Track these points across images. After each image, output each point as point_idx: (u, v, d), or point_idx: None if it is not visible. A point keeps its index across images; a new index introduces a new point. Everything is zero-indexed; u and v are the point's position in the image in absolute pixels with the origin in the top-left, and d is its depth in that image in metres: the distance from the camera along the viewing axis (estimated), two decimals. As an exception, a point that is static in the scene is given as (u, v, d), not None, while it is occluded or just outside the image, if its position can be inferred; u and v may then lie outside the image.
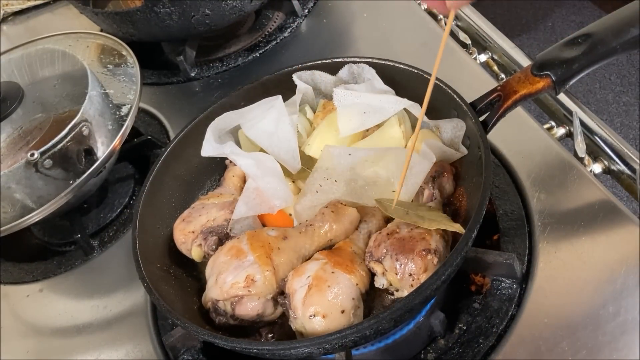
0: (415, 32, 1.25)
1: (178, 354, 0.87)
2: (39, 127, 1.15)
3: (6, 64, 1.17)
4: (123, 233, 1.10)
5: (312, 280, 0.74)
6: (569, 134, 1.04)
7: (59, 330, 1.00)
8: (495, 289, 0.83)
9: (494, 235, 0.90)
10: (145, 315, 0.96)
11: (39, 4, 1.72)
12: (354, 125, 0.88)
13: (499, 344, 0.78)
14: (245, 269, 0.77)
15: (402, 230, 0.78)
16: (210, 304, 0.79)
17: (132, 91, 1.10)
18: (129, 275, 1.01)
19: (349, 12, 1.36)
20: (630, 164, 0.94)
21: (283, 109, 0.90)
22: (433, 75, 0.73)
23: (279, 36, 1.36)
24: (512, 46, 1.17)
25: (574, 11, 2.97)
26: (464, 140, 0.84)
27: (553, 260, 0.83)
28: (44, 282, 1.08)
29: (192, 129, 0.95)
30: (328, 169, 0.83)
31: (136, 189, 1.17)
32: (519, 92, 0.79)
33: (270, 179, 0.84)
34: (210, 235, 0.85)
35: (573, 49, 0.77)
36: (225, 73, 1.33)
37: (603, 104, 2.52)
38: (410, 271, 0.73)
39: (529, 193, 0.91)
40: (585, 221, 0.86)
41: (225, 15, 1.23)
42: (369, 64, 0.92)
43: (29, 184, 0.96)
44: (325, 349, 0.70)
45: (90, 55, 1.21)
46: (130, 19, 1.20)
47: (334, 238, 0.82)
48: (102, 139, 1.03)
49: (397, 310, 0.67)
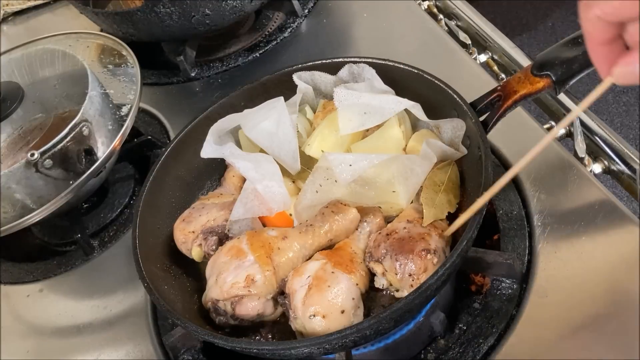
0: (415, 32, 1.25)
1: (178, 354, 0.87)
2: (39, 127, 1.15)
3: (6, 64, 1.17)
4: (123, 233, 1.10)
5: (312, 280, 0.74)
6: (569, 134, 1.04)
7: (59, 330, 1.00)
8: (495, 289, 0.83)
9: (494, 235, 0.90)
10: (145, 315, 0.96)
11: (39, 4, 1.72)
12: (354, 125, 0.88)
13: (499, 344, 0.78)
14: (246, 269, 0.77)
15: (402, 230, 0.78)
16: (210, 304, 0.79)
17: (132, 91, 1.10)
18: (129, 275, 1.01)
19: (349, 12, 1.36)
20: (630, 164, 0.94)
21: (284, 110, 0.90)
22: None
23: (279, 36, 1.36)
24: (512, 46, 1.17)
25: (574, 11, 2.96)
26: (464, 140, 0.84)
27: (553, 260, 0.83)
28: (44, 282, 1.08)
29: (192, 129, 0.95)
30: (328, 169, 0.83)
31: (136, 189, 1.17)
32: (519, 92, 0.79)
33: (269, 183, 0.84)
34: (210, 235, 0.85)
35: (573, 49, 0.77)
36: (225, 73, 1.33)
37: (603, 104, 2.52)
38: (410, 271, 0.73)
39: (529, 193, 0.91)
40: (585, 221, 0.86)
41: (226, 15, 1.22)
42: (369, 64, 0.92)
43: (29, 184, 0.96)
44: (325, 349, 0.70)
45: (90, 55, 1.21)
46: (130, 19, 1.20)
47: (334, 238, 0.82)
48: (102, 139, 1.03)
49: (397, 310, 0.67)
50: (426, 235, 0.76)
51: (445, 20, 1.32)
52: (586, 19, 0.52)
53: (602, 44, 0.54)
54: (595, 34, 0.53)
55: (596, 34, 0.53)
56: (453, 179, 0.84)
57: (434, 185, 0.82)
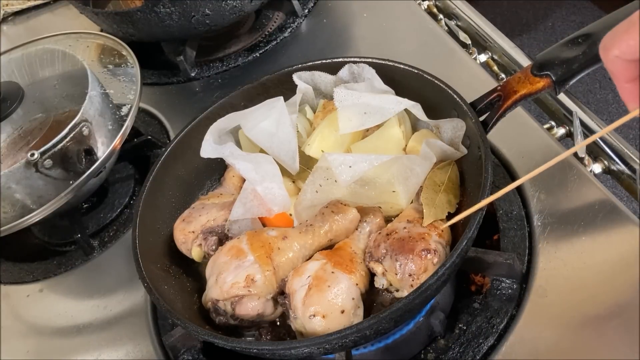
0: (415, 32, 1.25)
1: (178, 354, 0.87)
2: (39, 127, 1.15)
3: (6, 64, 1.17)
4: (123, 233, 1.10)
5: (312, 280, 0.74)
6: (569, 134, 1.04)
7: (59, 330, 1.00)
8: (495, 289, 0.83)
9: (494, 235, 0.90)
10: (145, 315, 0.96)
11: (39, 4, 1.72)
12: (354, 125, 0.88)
13: (499, 344, 0.79)
14: (246, 269, 0.77)
15: (402, 230, 0.78)
16: (211, 304, 0.79)
17: (132, 91, 1.10)
18: (129, 275, 1.01)
19: (349, 12, 1.36)
20: (630, 164, 0.94)
21: (284, 110, 0.90)
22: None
23: (279, 36, 1.36)
24: (512, 46, 1.17)
25: (574, 11, 2.97)
26: (464, 140, 0.84)
27: (553, 260, 0.83)
28: (44, 282, 1.08)
29: (192, 129, 0.95)
30: (328, 169, 0.83)
31: (136, 189, 1.17)
32: (519, 92, 0.79)
33: (269, 184, 0.84)
34: (210, 235, 0.85)
35: (573, 49, 0.77)
36: (225, 73, 1.33)
37: (603, 104, 2.52)
38: (410, 271, 0.73)
39: (529, 193, 0.91)
40: (585, 221, 0.86)
41: (225, 15, 1.23)
42: (369, 64, 0.92)
43: (29, 184, 0.96)
44: (325, 349, 0.70)
45: (90, 55, 1.21)
46: (130, 19, 1.20)
47: (334, 238, 0.82)
48: (102, 139, 1.03)
49: (397, 310, 0.67)
50: (426, 235, 0.76)
51: (445, 20, 1.32)
52: (607, 60, 0.55)
53: (628, 81, 0.56)
54: (620, 73, 0.55)
55: (620, 72, 0.55)
56: (453, 179, 0.84)
57: (434, 185, 0.82)
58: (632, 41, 0.52)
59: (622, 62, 0.54)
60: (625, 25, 0.53)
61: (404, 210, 0.82)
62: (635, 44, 0.52)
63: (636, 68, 0.55)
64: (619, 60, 0.54)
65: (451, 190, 0.83)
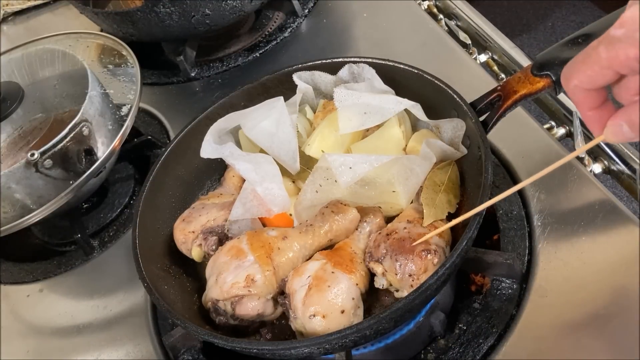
0: (415, 32, 1.25)
1: (178, 354, 0.87)
2: (39, 127, 1.15)
3: (6, 64, 1.17)
4: (123, 233, 1.10)
5: (312, 280, 0.74)
6: (569, 134, 1.04)
7: (59, 330, 1.00)
8: (495, 289, 0.83)
9: (494, 235, 0.90)
10: (145, 315, 0.96)
11: (39, 4, 1.72)
12: (354, 125, 0.88)
13: (499, 344, 0.79)
14: (246, 269, 0.77)
15: (402, 230, 0.77)
16: (211, 304, 0.79)
17: (132, 91, 1.10)
18: (129, 275, 1.01)
19: (349, 12, 1.36)
20: (630, 164, 0.94)
21: (284, 110, 0.90)
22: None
23: (279, 36, 1.36)
24: (512, 46, 1.17)
25: (574, 11, 2.97)
26: (464, 140, 0.84)
27: (553, 260, 0.83)
28: (44, 282, 1.08)
29: (192, 129, 0.95)
30: (328, 169, 0.83)
31: (136, 189, 1.17)
32: (519, 92, 0.79)
33: (269, 185, 0.84)
34: (210, 235, 0.85)
35: (573, 49, 0.76)
36: (225, 73, 1.33)
37: (603, 104, 2.52)
38: (410, 271, 0.73)
39: (529, 193, 0.91)
40: (585, 221, 0.86)
41: (225, 15, 1.22)
42: (369, 64, 0.92)
43: (29, 184, 0.96)
44: (325, 349, 0.70)
45: (90, 55, 1.21)
46: (130, 19, 1.20)
47: (334, 238, 0.82)
48: (102, 139, 1.03)
49: (397, 310, 0.67)
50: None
51: (445, 20, 1.32)
52: (568, 90, 0.57)
53: (591, 109, 0.57)
54: (581, 102, 0.57)
55: (582, 101, 0.57)
56: (453, 179, 0.84)
57: (434, 185, 0.82)
58: (590, 71, 0.53)
59: (582, 91, 0.56)
60: (582, 56, 0.54)
61: (404, 211, 0.82)
62: (592, 74, 0.53)
63: (597, 96, 0.56)
64: (579, 89, 0.56)
65: (451, 190, 0.83)
